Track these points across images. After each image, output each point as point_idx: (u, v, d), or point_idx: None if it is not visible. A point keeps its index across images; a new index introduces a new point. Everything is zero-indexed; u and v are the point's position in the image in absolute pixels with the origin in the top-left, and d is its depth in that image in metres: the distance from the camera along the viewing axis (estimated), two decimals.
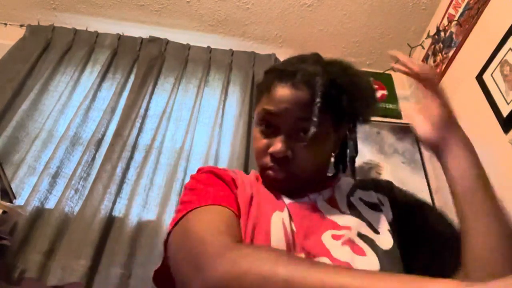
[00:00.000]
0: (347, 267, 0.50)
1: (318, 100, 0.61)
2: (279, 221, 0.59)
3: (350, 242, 0.57)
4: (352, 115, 0.69)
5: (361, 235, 0.58)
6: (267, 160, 0.65)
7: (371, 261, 0.55)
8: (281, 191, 0.67)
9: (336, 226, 0.60)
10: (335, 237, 0.58)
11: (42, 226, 1.37)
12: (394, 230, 0.63)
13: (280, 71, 0.67)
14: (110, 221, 1.42)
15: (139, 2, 1.97)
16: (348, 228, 0.59)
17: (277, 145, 0.63)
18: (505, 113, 1.30)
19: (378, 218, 0.63)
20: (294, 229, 0.59)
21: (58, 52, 1.89)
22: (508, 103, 1.30)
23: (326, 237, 0.58)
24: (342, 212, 0.63)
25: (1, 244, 1.25)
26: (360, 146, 0.61)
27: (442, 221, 0.67)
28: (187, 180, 1.64)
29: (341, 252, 0.55)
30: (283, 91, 0.64)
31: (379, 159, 1.78)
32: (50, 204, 1.45)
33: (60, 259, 1.29)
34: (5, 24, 2.03)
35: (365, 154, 1.77)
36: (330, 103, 0.63)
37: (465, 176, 0.56)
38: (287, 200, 0.64)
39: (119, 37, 1.98)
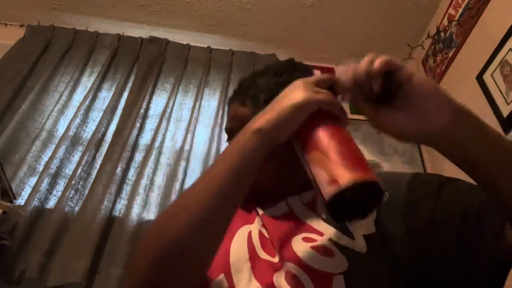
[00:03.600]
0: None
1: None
2: (244, 234, 0.61)
3: (319, 247, 0.56)
4: None
5: (332, 241, 0.57)
6: None
7: (339, 261, 0.54)
8: (255, 201, 0.67)
9: (309, 230, 0.59)
10: (306, 240, 0.58)
11: (42, 226, 1.37)
12: (377, 234, 0.58)
13: (238, 87, 0.71)
14: (110, 221, 1.42)
15: (139, 2, 1.97)
16: (321, 234, 0.58)
17: None
18: (505, 113, 1.30)
19: (356, 224, 0.60)
20: (267, 234, 0.60)
21: (58, 52, 1.89)
22: (508, 103, 1.30)
23: (297, 240, 0.58)
24: (319, 217, 0.62)
25: (1, 244, 1.25)
26: (360, 146, 0.59)
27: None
28: (187, 180, 1.65)
29: (308, 255, 0.55)
30: (233, 109, 0.68)
31: (379, 159, 1.78)
32: (50, 204, 1.45)
33: (60, 259, 1.29)
34: (5, 24, 2.03)
35: (365, 154, 1.76)
36: None
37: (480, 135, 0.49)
38: (260, 211, 0.65)
39: (119, 37, 1.98)
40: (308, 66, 0.74)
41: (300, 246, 0.57)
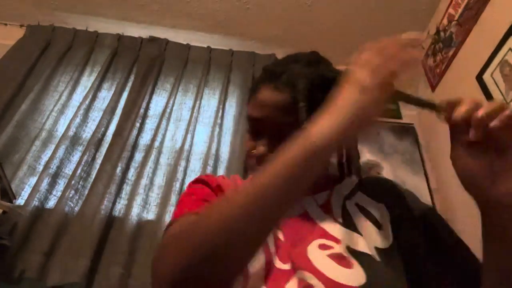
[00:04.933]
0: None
1: (302, 103, 0.59)
2: None
3: (336, 256, 0.54)
4: None
5: (350, 249, 0.55)
6: (253, 162, 0.66)
7: (357, 273, 0.52)
8: None
9: (325, 235, 0.58)
10: (322, 247, 0.56)
11: (42, 226, 1.37)
12: (390, 249, 0.58)
13: (268, 72, 0.67)
14: (110, 221, 1.42)
15: (139, 2, 1.97)
16: (337, 241, 0.56)
17: (260, 148, 0.64)
18: None
19: (371, 232, 0.59)
20: (282, 238, 0.59)
21: (58, 52, 1.89)
22: (508, 103, 1.30)
23: (312, 247, 0.56)
24: (335, 220, 0.61)
25: (1, 244, 1.25)
26: (360, 146, 0.59)
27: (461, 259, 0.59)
28: (187, 180, 1.65)
29: (325, 264, 0.53)
30: (265, 94, 0.63)
31: (379, 159, 1.78)
32: (50, 204, 1.45)
33: (60, 259, 1.29)
34: (5, 24, 2.03)
35: (365, 154, 1.77)
36: (314, 105, 0.58)
37: None
38: None
39: (119, 37, 1.98)
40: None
41: (316, 254, 0.55)
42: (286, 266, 0.55)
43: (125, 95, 1.80)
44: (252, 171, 0.67)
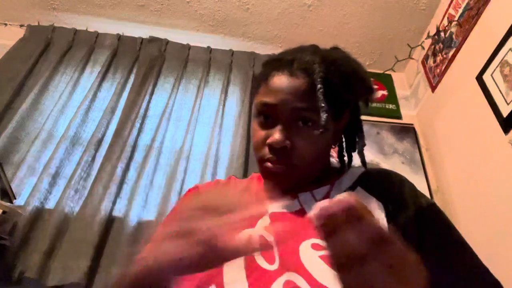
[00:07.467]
0: None
1: (319, 86, 0.59)
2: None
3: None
4: (352, 103, 0.67)
5: None
6: (265, 151, 0.63)
7: None
8: (275, 191, 0.66)
9: None
10: (315, 247, 0.53)
11: (42, 226, 1.37)
12: None
13: (277, 60, 0.66)
14: (110, 221, 1.42)
15: (139, 2, 1.97)
16: None
17: (275, 135, 0.61)
18: (505, 113, 1.30)
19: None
20: (270, 238, 0.57)
21: (58, 52, 1.89)
22: (508, 103, 1.30)
23: (305, 247, 0.54)
24: None
25: (1, 244, 1.25)
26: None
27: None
28: (187, 180, 1.64)
29: (315, 266, 0.51)
30: (279, 80, 0.62)
31: (379, 159, 1.78)
32: (50, 204, 1.45)
33: (60, 259, 1.29)
34: (5, 24, 2.03)
35: (365, 154, 1.77)
36: (329, 92, 0.60)
37: None
38: (271, 209, 0.62)
39: (119, 37, 1.98)
40: None
41: (308, 254, 0.53)
42: (273, 266, 0.53)
43: (125, 95, 1.80)
44: (264, 163, 0.63)
